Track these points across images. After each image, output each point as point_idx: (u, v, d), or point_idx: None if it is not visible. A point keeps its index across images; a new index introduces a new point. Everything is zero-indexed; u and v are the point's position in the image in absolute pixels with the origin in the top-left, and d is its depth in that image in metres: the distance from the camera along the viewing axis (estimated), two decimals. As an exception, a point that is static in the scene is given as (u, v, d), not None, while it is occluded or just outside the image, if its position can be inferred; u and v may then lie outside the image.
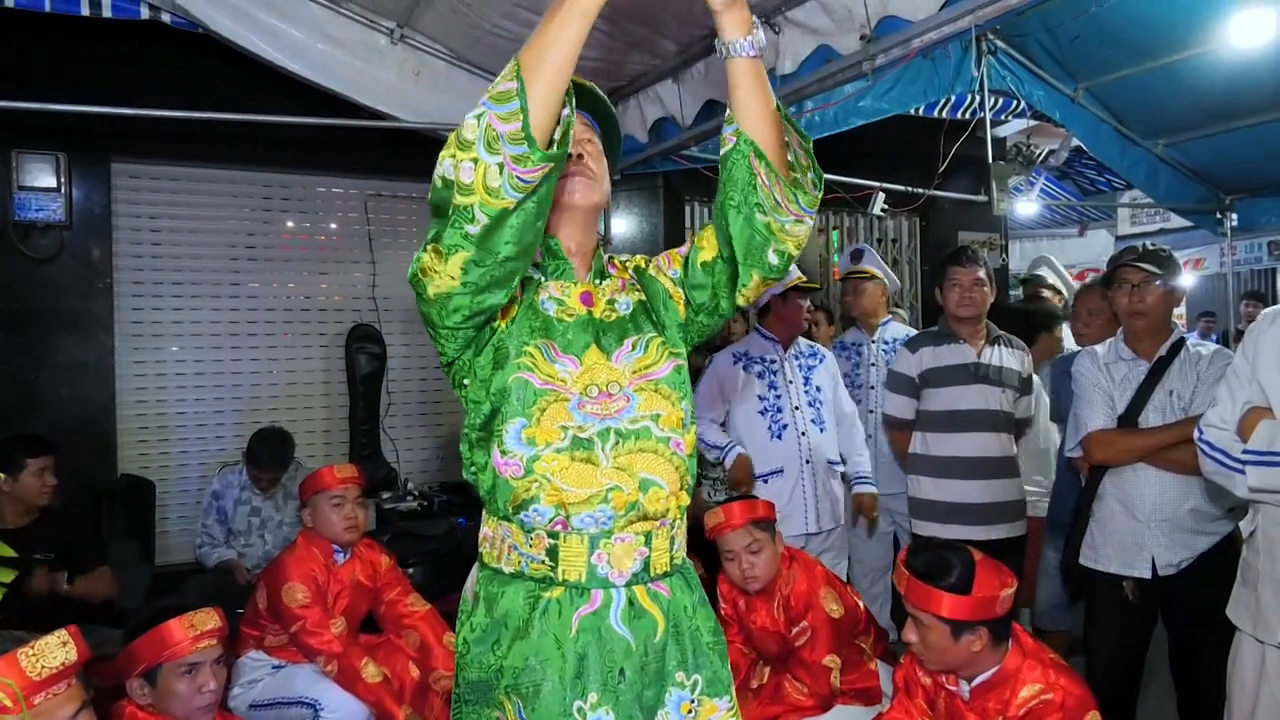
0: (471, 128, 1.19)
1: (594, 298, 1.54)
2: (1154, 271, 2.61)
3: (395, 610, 3.11)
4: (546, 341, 1.46)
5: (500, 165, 1.18)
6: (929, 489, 3.19)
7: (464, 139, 1.19)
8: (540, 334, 1.46)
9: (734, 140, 1.43)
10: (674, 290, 1.61)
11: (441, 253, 1.26)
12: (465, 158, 1.19)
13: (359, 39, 3.66)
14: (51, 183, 4.29)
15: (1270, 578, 1.94)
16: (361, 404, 5.01)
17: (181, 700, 2.07)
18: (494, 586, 1.48)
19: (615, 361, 1.50)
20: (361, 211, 5.18)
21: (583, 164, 1.51)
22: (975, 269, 3.17)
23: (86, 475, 4.27)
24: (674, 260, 1.64)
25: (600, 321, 1.52)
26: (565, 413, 1.43)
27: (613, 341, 1.51)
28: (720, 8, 1.40)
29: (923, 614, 2.10)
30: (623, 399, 1.47)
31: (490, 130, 1.17)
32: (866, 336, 4.01)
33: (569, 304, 1.51)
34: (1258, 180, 4.83)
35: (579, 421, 1.43)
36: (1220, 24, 3.26)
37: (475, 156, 1.18)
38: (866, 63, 2.70)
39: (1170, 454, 2.51)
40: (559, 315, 1.49)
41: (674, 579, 1.52)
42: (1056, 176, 8.17)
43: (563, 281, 1.53)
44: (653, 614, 1.47)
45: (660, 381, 1.51)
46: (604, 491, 1.42)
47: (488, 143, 1.18)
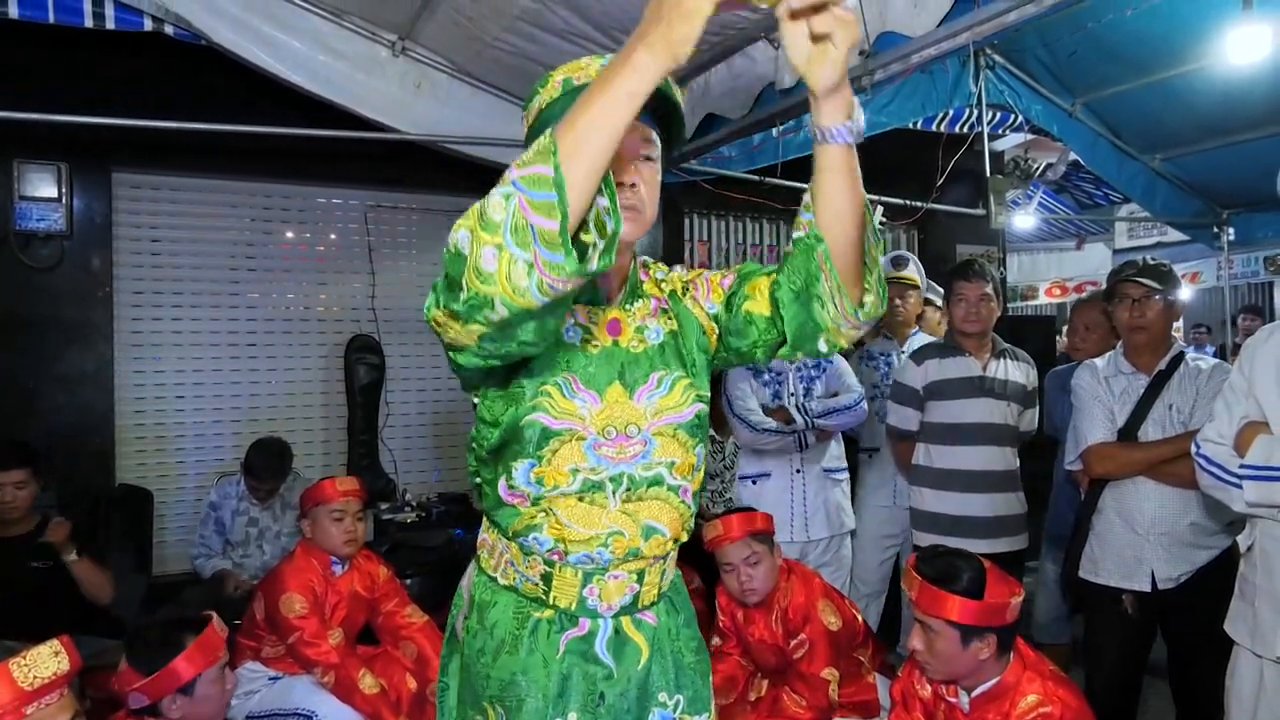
0: (499, 207, 1.03)
1: (622, 326, 1.46)
2: (1155, 287, 2.62)
3: (393, 621, 3.10)
4: (568, 375, 1.39)
5: (529, 265, 1.02)
6: (931, 501, 3.19)
7: (489, 219, 1.03)
8: (562, 367, 1.38)
9: (806, 230, 1.33)
10: (708, 325, 1.53)
11: (457, 317, 1.12)
12: (489, 241, 1.03)
13: (360, 51, 3.68)
14: (53, 193, 4.29)
15: (1267, 592, 1.94)
16: (360, 414, 5.00)
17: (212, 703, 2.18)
18: (488, 594, 1.49)
19: (637, 400, 1.43)
20: (361, 222, 5.19)
21: (636, 194, 1.34)
22: (982, 284, 3.16)
23: (84, 484, 4.27)
24: (714, 293, 1.53)
25: (626, 352, 1.44)
26: (579, 453, 1.39)
27: (638, 376, 1.44)
28: (823, 93, 1.20)
29: (932, 619, 2.09)
30: (640, 443, 1.43)
31: (520, 218, 1.01)
32: (896, 346, 3.91)
33: (595, 333, 1.42)
34: (1254, 195, 4.85)
35: (592, 463, 1.39)
36: (1216, 40, 3.28)
37: (500, 243, 1.03)
38: (865, 78, 2.71)
39: (1170, 468, 2.52)
40: (584, 344, 1.41)
41: (660, 605, 1.53)
42: (1054, 190, 8.19)
43: (591, 306, 1.44)
44: (637, 642, 1.49)
45: (680, 427, 1.46)
46: (605, 535, 1.41)
47: (516, 229, 1.02)
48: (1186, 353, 2.70)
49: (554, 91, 1.33)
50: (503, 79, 3.90)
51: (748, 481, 3.48)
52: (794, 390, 3.50)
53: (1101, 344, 3.41)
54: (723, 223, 6.05)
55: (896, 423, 3.35)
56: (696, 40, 1.02)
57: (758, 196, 4.63)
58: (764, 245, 6.12)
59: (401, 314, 5.25)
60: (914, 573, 2.14)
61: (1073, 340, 3.66)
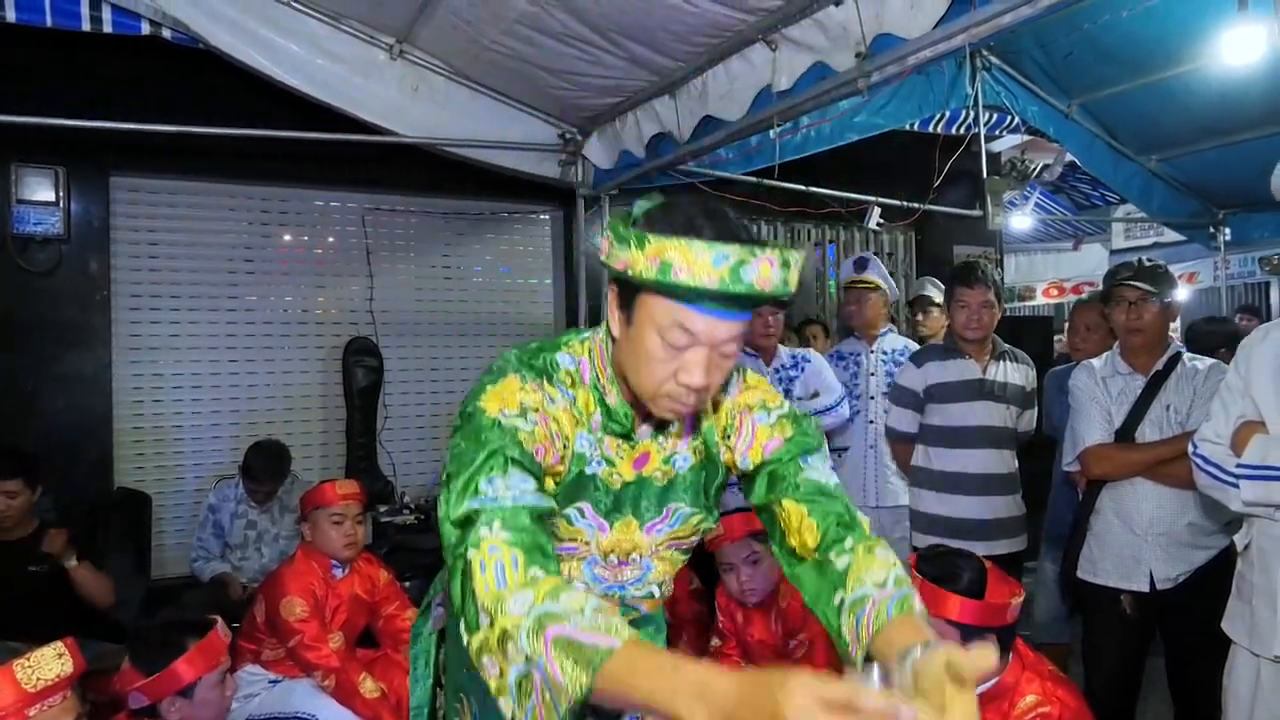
0: (515, 655, 1.01)
1: (651, 458, 1.41)
2: (1150, 290, 2.63)
3: (393, 625, 3.10)
4: (581, 504, 1.37)
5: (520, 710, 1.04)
6: (931, 503, 3.20)
7: (505, 645, 1.02)
8: (578, 497, 1.36)
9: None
10: (732, 469, 1.47)
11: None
12: (493, 657, 1.04)
13: (358, 54, 3.68)
14: (50, 196, 4.30)
15: (1265, 591, 1.95)
16: (358, 417, 5.00)
17: (210, 707, 2.17)
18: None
19: (647, 532, 1.43)
20: (359, 225, 5.19)
21: (690, 391, 1.23)
22: (984, 291, 3.14)
23: (83, 488, 4.27)
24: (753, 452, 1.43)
25: (648, 483, 1.41)
26: (577, 568, 1.41)
27: (652, 508, 1.42)
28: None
29: (933, 619, 2.08)
30: (639, 566, 1.45)
31: (526, 688, 1.01)
32: (865, 346, 3.95)
33: (619, 468, 1.39)
34: (1250, 195, 4.87)
35: (587, 579, 1.42)
36: (1212, 40, 3.29)
37: (501, 676, 1.03)
38: (862, 79, 2.72)
39: (1167, 468, 2.52)
40: (605, 477, 1.38)
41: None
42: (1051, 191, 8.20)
43: (622, 441, 1.39)
44: None
45: (681, 550, 1.49)
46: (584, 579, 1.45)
47: (519, 685, 1.02)
48: (1183, 353, 2.71)
49: (649, 268, 1.14)
50: (501, 82, 3.90)
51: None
52: None
53: (1102, 345, 3.42)
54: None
55: (896, 424, 3.36)
56: None
57: (755, 198, 4.63)
58: (762, 247, 6.12)
59: (399, 317, 5.26)
60: (914, 572, 2.14)
61: (1073, 341, 3.66)
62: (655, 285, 1.14)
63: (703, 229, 1.16)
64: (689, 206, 1.22)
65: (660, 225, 1.18)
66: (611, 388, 1.35)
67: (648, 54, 3.34)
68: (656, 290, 1.16)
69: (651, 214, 1.22)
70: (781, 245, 1.28)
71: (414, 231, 5.37)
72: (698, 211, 1.20)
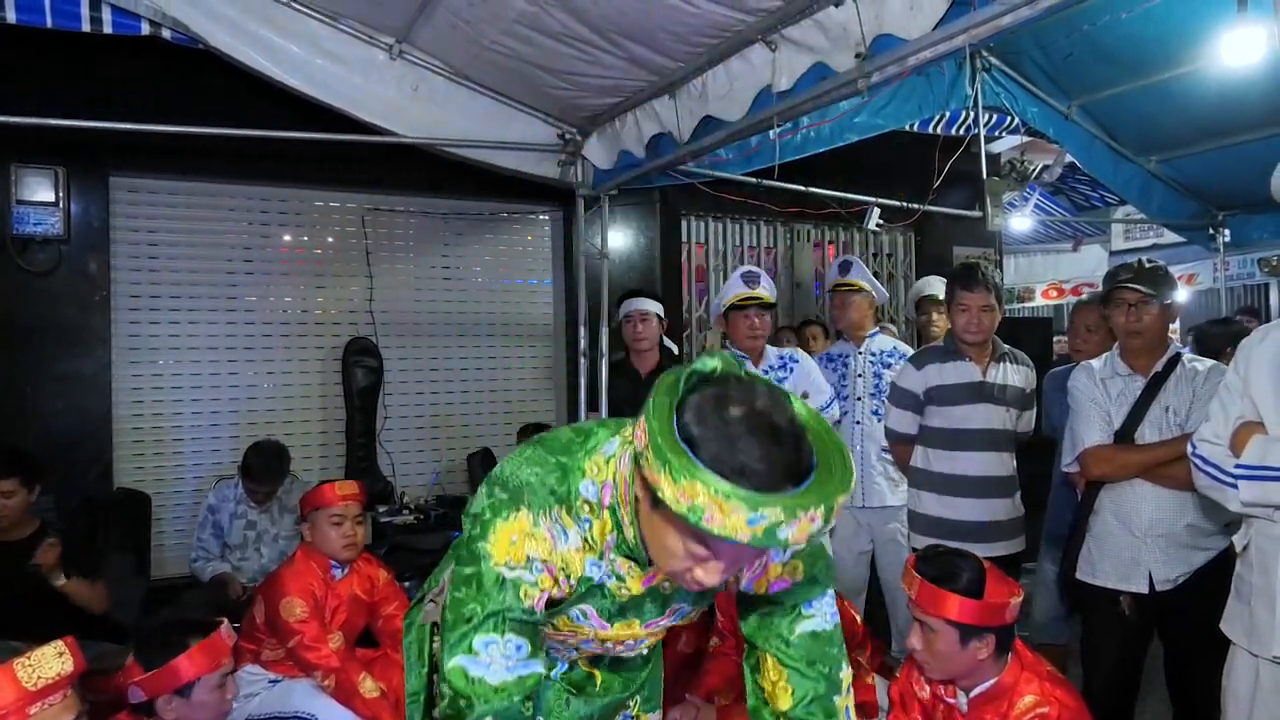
0: None
1: (659, 576, 1.38)
2: (1149, 293, 2.62)
3: (392, 624, 3.10)
4: (584, 607, 1.38)
5: None
6: (931, 505, 3.19)
7: None
8: (585, 601, 1.37)
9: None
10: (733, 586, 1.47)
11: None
12: None
13: (357, 54, 3.68)
14: (50, 197, 4.30)
15: (1263, 592, 1.95)
16: (358, 417, 5.01)
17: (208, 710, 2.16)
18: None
19: (646, 626, 1.45)
20: (359, 226, 5.19)
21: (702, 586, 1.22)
22: (985, 294, 3.12)
23: (82, 488, 4.27)
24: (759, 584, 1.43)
25: (655, 591, 1.40)
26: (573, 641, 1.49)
27: (655, 610, 1.43)
28: None
29: (932, 619, 2.09)
30: (632, 645, 1.52)
31: None
32: (854, 348, 3.94)
33: (629, 584, 1.37)
34: (1250, 197, 4.87)
35: (583, 645, 1.50)
36: (1211, 42, 3.30)
37: None
38: (861, 80, 2.71)
39: (1166, 470, 2.52)
40: (614, 590, 1.37)
41: None
42: (1050, 192, 8.21)
43: (634, 563, 1.35)
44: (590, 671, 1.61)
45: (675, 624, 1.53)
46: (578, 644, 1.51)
47: None
48: (1183, 354, 2.71)
49: (679, 503, 1.03)
50: (500, 82, 3.90)
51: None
52: None
53: (1102, 346, 3.41)
54: (720, 225, 6.06)
55: (895, 426, 3.36)
56: None
57: (755, 199, 4.63)
58: (760, 247, 6.13)
59: (399, 317, 5.26)
60: (914, 572, 2.15)
61: (1074, 342, 3.66)
62: (682, 520, 1.05)
63: (747, 471, 1.02)
64: (739, 423, 1.06)
65: (702, 444, 1.05)
66: (631, 527, 1.28)
67: (647, 54, 3.34)
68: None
69: (700, 415, 1.07)
70: (833, 493, 1.05)
71: (413, 232, 5.37)
72: (745, 433, 1.05)
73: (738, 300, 3.51)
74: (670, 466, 1.01)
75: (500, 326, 5.58)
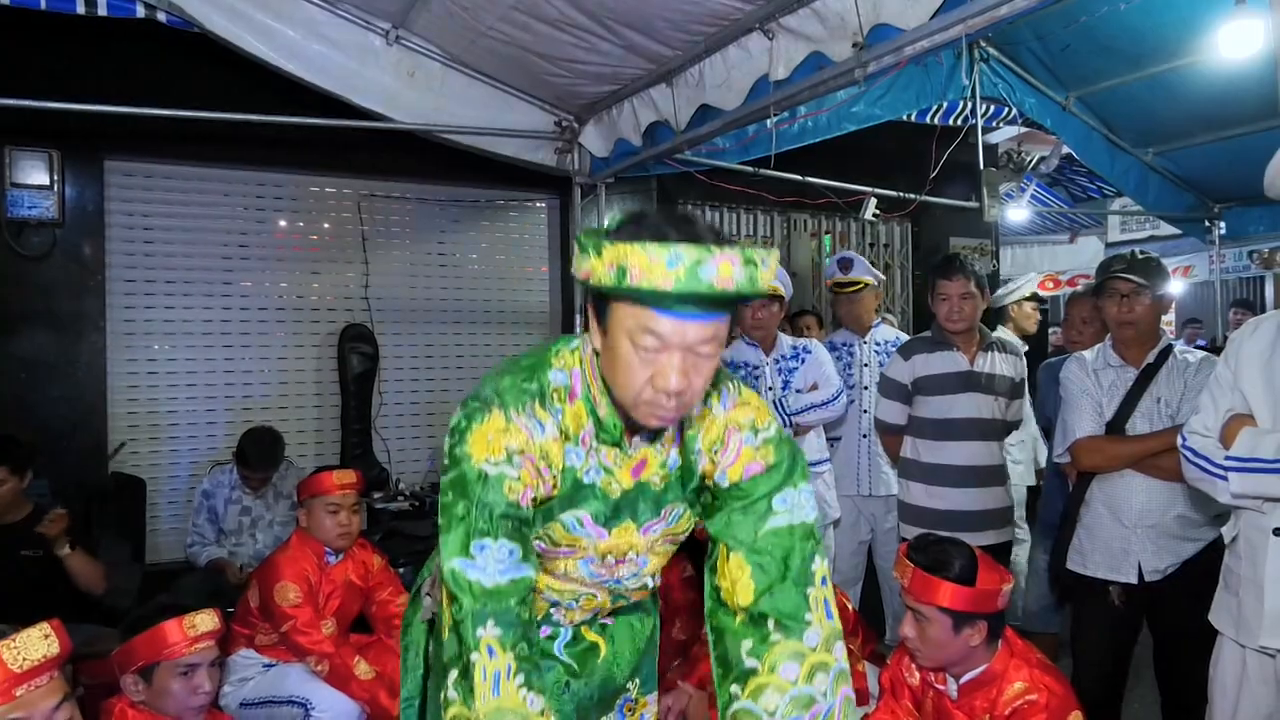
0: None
1: (648, 463, 1.41)
2: (1142, 283, 2.63)
3: (386, 610, 3.12)
4: (578, 513, 1.39)
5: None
6: (920, 495, 3.21)
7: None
8: (576, 505, 1.38)
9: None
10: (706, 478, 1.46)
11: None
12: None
13: (354, 40, 3.66)
14: (45, 180, 4.28)
15: (1251, 582, 1.96)
16: (353, 404, 5.01)
17: (175, 699, 2.09)
18: None
19: (645, 532, 1.45)
20: (355, 212, 5.18)
21: (669, 396, 1.23)
22: (964, 281, 3.14)
23: (77, 474, 4.27)
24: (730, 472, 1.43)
25: (646, 487, 1.42)
26: (574, 565, 1.47)
27: (649, 510, 1.43)
28: None
29: (925, 606, 2.11)
30: (634, 563, 1.49)
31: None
32: (857, 338, 3.94)
33: (617, 475, 1.39)
34: (1246, 190, 4.88)
35: (583, 574, 1.48)
36: (1209, 35, 3.30)
37: None
38: (859, 70, 2.72)
39: (1157, 461, 2.53)
40: (604, 486, 1.39)
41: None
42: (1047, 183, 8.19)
43: (619, 451, 1.39)
44: (595, 640, 1.60)
45: (673, 543, 1.53)
46: (579, 595, 1.52)
47: None
48: (1175, 346, 2.72)
49: (607, 275, 1.14)
50: (497, 68, 3.89)
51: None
52: (772, 384, 3.51)
53: (1096, 337, 3.41)
54: (716, 214, 6.06)
55: (884, 416, 3.37)
56: None
57: (751, 188, 4.63)
58: (758, 236, 6.13)
59: (395, 304, 5.26)
60: (907, 560, 2.17)
61: (1069, 334, 3.66)
62: (614, 291, 1.15)
63: (663, 234, 1.16)
64: (655, 216, 1.23)
65: (621, 233, 1.18)
66: (602, 399, 1.35)
67: (645, 42, 3.33)
68: (619, 296, 1.17)
69: (619, 224, 1.24)
70: (747, 243, 1.27)
71: (410, 218, 5.36)
72: (663, 219, 1.21)
73: None
74: (595, 248, 1.13)
75: (496, 314, 5.58)
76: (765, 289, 1.18)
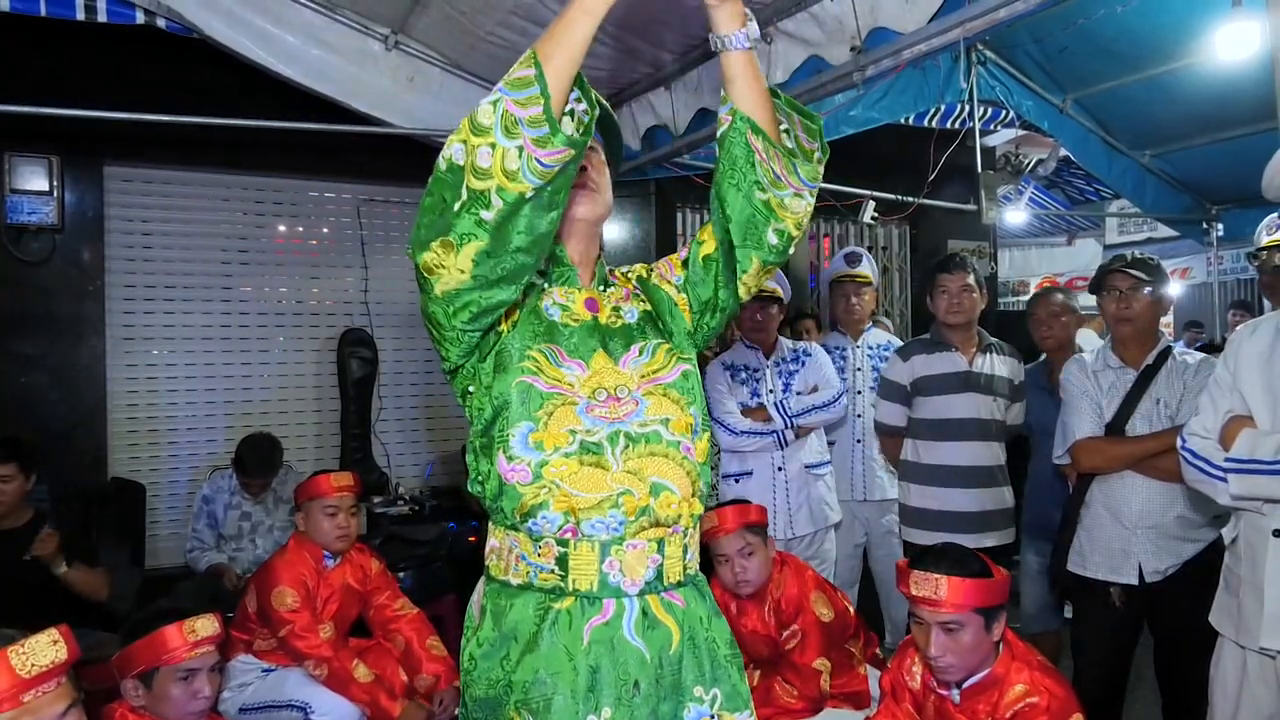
0: (487, 113, 1.19)
1: (599, 304, 1.53)
2: (1142, 278, 2.64)
3: (384, 614, 3.11)
4: (551, 346, 1.44)
5: (520, 149, 1.17)
6: (919, 496, 3.21)
7: (479, 124, 1.19)
8: (544, 338, 1.44)
9: (730, 119, 1.44)
10: (678, 297, 1.60)
11: (452, 244, 1.24)
12: (480, 142, 1.19)
13: (353, 45, 3.67)
14: (44, 186, 4.28)
15: (1251, 584, 1.96)
16: (353, 408, 5.01)
17: (175, 705, 2.09)
18: (502, 599, 1.44)
19: (622, 366, 1.48)
20: (354, 216, 5.19)
21: (585, 176, 1.49)
22: (963, 275, 3.17)
23: (77, 478, 4.27)
24: (674, 266, 1.63)
25: (606, 327, 1.51)
26: (573, 416, 1.40)
27: (619, 346, 1.50)
28: (714, 2, 1.40)
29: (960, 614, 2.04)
30: (631, 402, 1.44)
31: (508, 115, 1.17)
32: (851, 341, 3.91)
33: (574, 309, 1.50)
34: (1243, 191, 4.89)
35: (587, 425, 1.40)
36: (1206, 37, 3.31)
37: (492, 141, 1.18)
38: (857, 73, 2.73)
39: (1157, 462, 2.54)
40: (564, 320, 1.48)
41: (687, 589, 1.48)
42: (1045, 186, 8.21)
43: (567, 288, 1.52)
44: (667, 624, 1.43)
45: (669, 386, 1.49)
46: (614, 496, 1.39)
47: (505, 127, 1.17)
48: (1174, 347, 2.72)
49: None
50: (496, 73, 3.86)
51: (730, 480, 3.49)
52: (772, 387, 3.51)
53: (1068, 329, 3.42)
54: (715, 217, 6.06)
55: (884, 418, 3.37)
56: None
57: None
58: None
59: (394, 308, 5.26)
60: (933, 575, 2.07)
61: (1038, 331, 3.58)
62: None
63: None
64: None
65: None
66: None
67: (643, 46, 3.34)
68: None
69: None
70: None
71: (409, 223, 5.35)
72: None
73: None
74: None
75: (495, 318, 5.57)
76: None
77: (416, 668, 3.00)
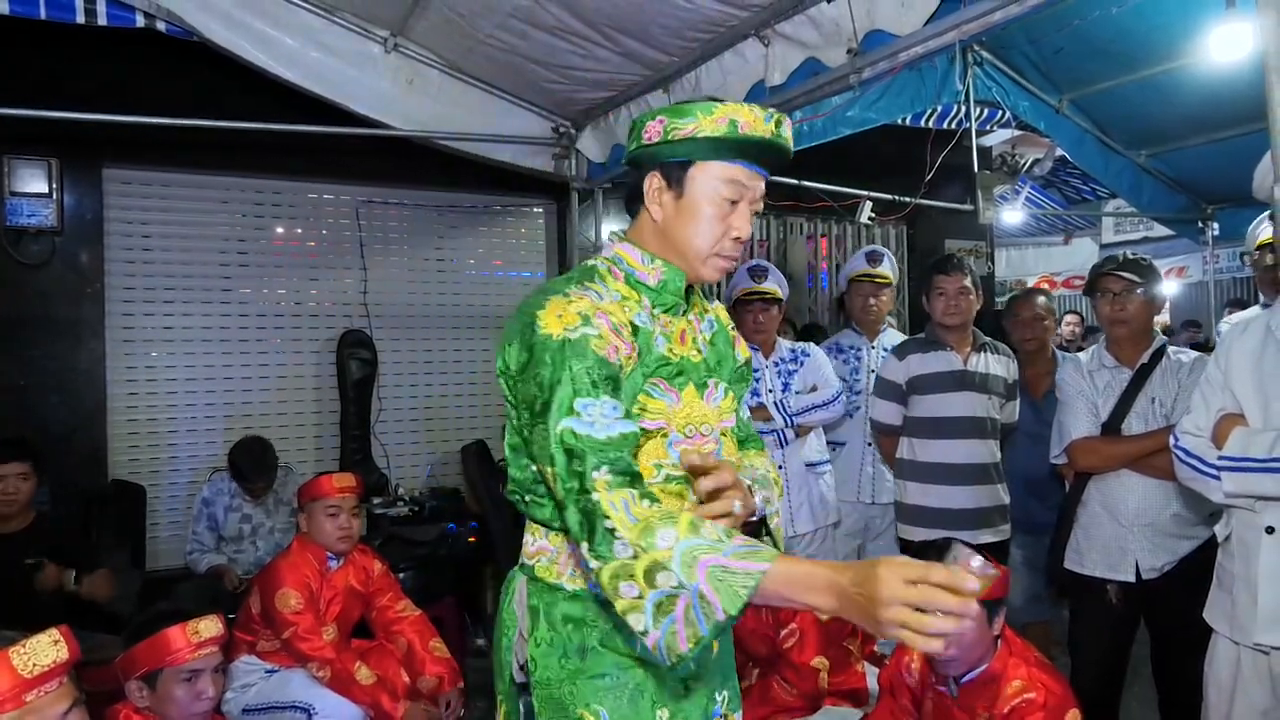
0: (665, 581, 1.17)
1: (686, 337, 1.53)
2: (1135, 280, 2.66)
3: (386, 616, 3.13)
4: (655, 380, 1.46)
5: (644, 633, 1.19)
6: (916, 494, 3.23)
7: (654, 574, 1.17)
8: (652, 372, 1.46)
9: None
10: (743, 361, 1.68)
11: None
12: (632, 582, 1.18)
13: (352, 47, 3.68)
14: (43, 188, 4.29)
15: (1244, 580, 1.98)
16: (353, 410, 5.01)
17: (179, 706, 2.10)
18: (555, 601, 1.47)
19: (707, 401, 1.51)
20: (353, 218, 5.19)
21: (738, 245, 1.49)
22: (960, 277, 3.20)
23: (77, 480, 4.27)
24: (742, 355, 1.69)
25: (689, 361, 1.52)
26: (662, 450, 1.45)
27: (702, 382, 1.53)
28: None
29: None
30: (713, 441, 1.51)
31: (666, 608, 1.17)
32: (865, 341, 3.87)
33: (673, 342, 1.50)
34: (1238, 191, 4.90)
35: (674, 459, 1.46)
36: (1200, 37, 3.33)
37: (639, 598, 1.18)
38: (853, 75, 2.74)
39: (1152, 460, 2.56)
40: (667, 351, 1.48)
41: None
42: (1041, 185, 8.24)
43: (671, 316, 1.52)
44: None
45: (731, 431, 1.57)
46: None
47: (658, 606, 1.17)
48: (1168, 346, 2.74)
49: (718, 127, 1.39)
50: (495, 75, 3.91)
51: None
52: (771, 387, 3.53)
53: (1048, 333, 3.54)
54: (713, 218, 6.07)
55: (880, 417, 3.39)
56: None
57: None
58: (753, 240, 6.16)
59: (393, 309, 5.27)
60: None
61: (1019, 333, 3.60)
62: (721, 141, 1.38)
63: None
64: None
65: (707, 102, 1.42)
66: (649, 269, 1.49)
67: (641, 48, 3.36)
68: (718, 149, 1.39)
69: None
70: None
71: (407, 224, 5.38)
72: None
73: (743, 294, 3.53)
74: (698, 107, 1.39)
75: (495, 319, 5.58)
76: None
77: (419, 669, 3.01)
